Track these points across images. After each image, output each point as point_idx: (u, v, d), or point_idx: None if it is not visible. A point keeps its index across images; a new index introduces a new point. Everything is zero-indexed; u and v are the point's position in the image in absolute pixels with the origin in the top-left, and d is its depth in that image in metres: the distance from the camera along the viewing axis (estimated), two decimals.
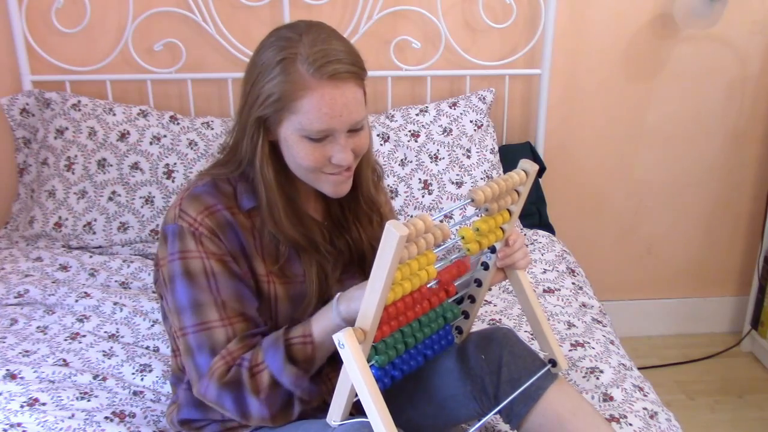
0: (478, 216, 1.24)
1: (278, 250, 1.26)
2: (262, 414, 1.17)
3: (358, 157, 1.25)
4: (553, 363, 1.31)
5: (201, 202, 1.22)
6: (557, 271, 2.07)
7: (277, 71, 1.16)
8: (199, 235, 1.20)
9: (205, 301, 1.19)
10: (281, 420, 1.20)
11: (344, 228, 1.35)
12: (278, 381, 1.16)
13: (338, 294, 1.18)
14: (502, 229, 1.25)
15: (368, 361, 1.08)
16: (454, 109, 2.29)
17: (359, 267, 1.36)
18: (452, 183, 2.19)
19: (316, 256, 1.28)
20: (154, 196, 2.11)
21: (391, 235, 0.96)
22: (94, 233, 2.09)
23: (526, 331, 1.76)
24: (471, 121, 2.27)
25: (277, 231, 1.24)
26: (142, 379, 1.59)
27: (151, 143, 2.14)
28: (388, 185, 2.16)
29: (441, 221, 1.28)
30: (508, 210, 1.24)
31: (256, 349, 1.18)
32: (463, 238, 1.19)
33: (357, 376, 1.03)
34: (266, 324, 1.26)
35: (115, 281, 1.95)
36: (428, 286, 1.18)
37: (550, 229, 2.35)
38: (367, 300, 1.03)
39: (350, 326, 1.09)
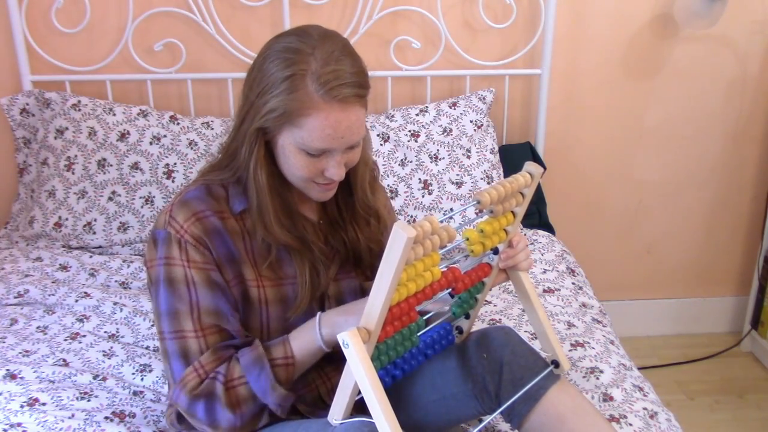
0: (481, 218, 1.24)
1: (269, 251, 1.26)
2: (234, 425, 1.20)
3: (349, 168, 1.26)
4: (556, 364, 1.31)
5: (190, 209, 1.23)
6: (557, 271, 2.07)
7: (285, 86, 1.15)
8: (185, 243, 1.21)
9: (182, 310, 1.21)
10: (248, 429, 1.22)
11: (340, 226, 1.35)
12: (258, 398, 1.19)
13: (319, 314, 1.21)
14: (505, 230, 1.26)
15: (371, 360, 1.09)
16: (454, 109, 2.29)
17: (355, 266, 1.36)
18: (452, 183, 2.19)
19: (308, 256, 1.28)
20: (154, 196, 2.11)
21: (399, 237, 0.96)
22: (94, 233, 2.09)
23: (526, 331, 1.76)
24: (471, 121, 2.27)
25: (267, 235, 1.24)
26: (142, 379, 1.59)
27: (151, 143, 2.14)
28: (388, 185, 2.16)
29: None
30: (512, 212, 1.25)
31: (231, 364, 1.20)
32: (467, 239, 1.20)
33: (362, 376, 1.03)
34: (257, 330, 1.27)
35: (115, 281, 1.95)
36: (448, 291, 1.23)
37: (550, 229, 2.36)
38: (373, 300, 1.03)
39: (331, 350, 1.16)
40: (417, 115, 2.27)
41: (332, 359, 1.28)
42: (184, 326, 1.21)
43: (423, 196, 2.17)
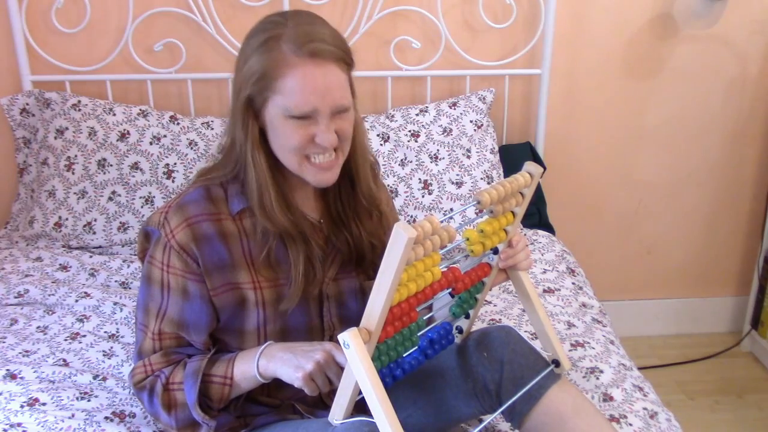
0: (481, 218, 1.24)
1: (267, 243, 1.26)
2: (170, 425, 1.25)
3: (343, 142, 1.25)
4: (557, 363, 1.31)
5: (183, 214, 1.24)
6: (557, 271, 2.07)
7: (261, 50, 1.19)
8: (169, 248, 1.24)
9: (150, 309, 1.28)
10: None
11: (344, 225, 1.35)
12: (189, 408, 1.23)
13: (267, 343, 1.24)
14: (505, 230, 1.26)
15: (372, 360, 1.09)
16: (454, 109, 2.29)
17: (357, 265, 1.36)
18: (452, 183, 2.19)
19: (304, 248, 1.28)
20: (154, 196, 2.11)
21: (400, 237, 0.96)
22: (94, 233, 2.09)
23: (526, 331, 1.76)
24: (471, 121, 2.27)
25: (267, 219, 1.24)
26: None
27: (151, 143, 2.14)
28: (388, 185, 2.16)
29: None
30: (512, 212, 1.25)
31: (177, 367, 1.26)
32: (467, 239, 1.20)
33: (362, 376, 1.03)
34: (254, 332, 1.28)
35: (115, 281, 1.95)
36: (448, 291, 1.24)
37: (550, 229, 2.36)
38: (373, 300, 1.03)
39: (266, 381, 1.20)
40: (417, 115, 2.27)
41: None
42: (148, 324, 1.28)
43: (423, 196, 2.17)
